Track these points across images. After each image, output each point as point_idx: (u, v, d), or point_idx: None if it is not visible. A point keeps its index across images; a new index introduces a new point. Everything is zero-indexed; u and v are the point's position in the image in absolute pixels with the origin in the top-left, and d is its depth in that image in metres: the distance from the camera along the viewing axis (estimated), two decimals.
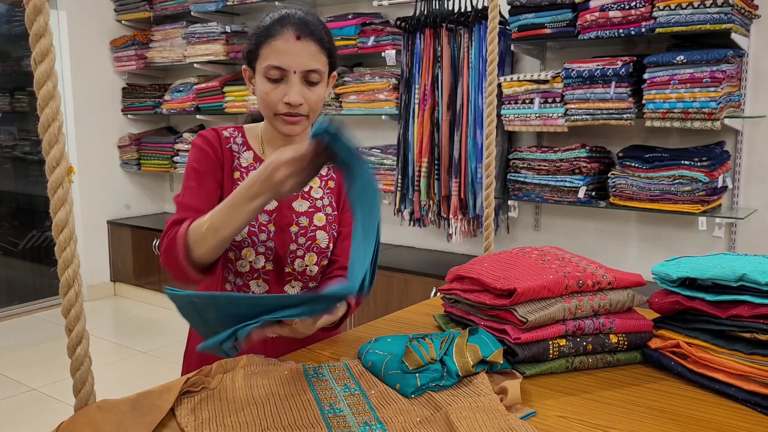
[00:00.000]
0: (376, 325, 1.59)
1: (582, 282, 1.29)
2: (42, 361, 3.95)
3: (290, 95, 1.33)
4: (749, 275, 1.13)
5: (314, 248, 1.46)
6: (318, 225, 1.46)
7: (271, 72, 1.33)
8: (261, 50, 1.35)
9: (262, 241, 1.40)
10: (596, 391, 1.20)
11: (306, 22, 1.35)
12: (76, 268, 0.95)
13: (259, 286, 1.44)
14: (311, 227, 1.45)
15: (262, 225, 1.41)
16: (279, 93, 1.34)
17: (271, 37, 1.33)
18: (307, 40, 1.34)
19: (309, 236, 1.45)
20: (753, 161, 3.01)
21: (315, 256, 1.47)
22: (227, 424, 1.04)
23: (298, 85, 1.34)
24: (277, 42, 1.33)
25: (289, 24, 1.34)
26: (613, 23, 2.93)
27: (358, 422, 1.03)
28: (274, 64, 1.33)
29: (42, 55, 0.94)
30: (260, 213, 1.38)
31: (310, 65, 1.34)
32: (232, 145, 1.45)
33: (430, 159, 3.59)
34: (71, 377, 0.98)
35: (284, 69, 1.33)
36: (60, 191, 0.94)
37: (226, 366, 1.23)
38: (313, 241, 1.45)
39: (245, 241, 1.40)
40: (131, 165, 5.29)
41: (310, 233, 1.45)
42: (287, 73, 1.33)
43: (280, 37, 1.33)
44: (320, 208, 1.48)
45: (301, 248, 1.44)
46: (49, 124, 0.94)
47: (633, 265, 3.25)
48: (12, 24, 5.18)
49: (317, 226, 1.46)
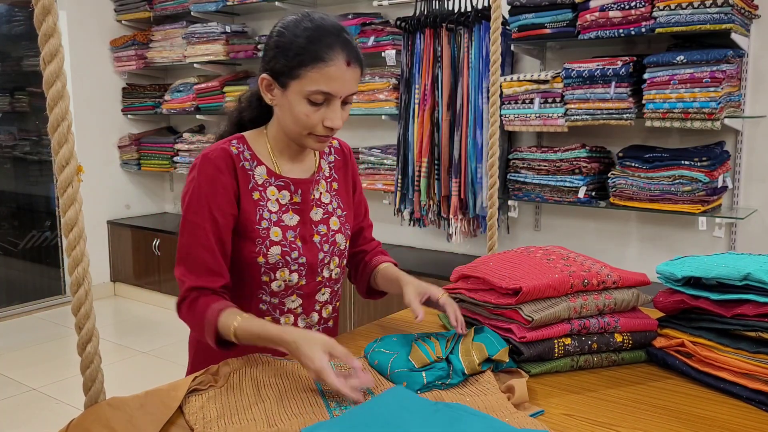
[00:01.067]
0: (380, 325, 1.60)
1: (587, 281, 1.30)
2: (42, 361, 3.94)
3: (334, 120, 1.31)
4: (754, 274, 1.14)
5: (336, 252, 1.47)
6: (335, 229, 1.47)
7: (316, 96, 1.29)
8: (307, 72, 1.27)
9: (294, 258, 1.38)
10: (601, 390, 1.20)
11: (350, 44, 1.31)
12: (86, 266, 0.95)
13: (293, 301, 1.43)
14: (330, 233, 1.46)
15: (292, 242, 1.38)
16: (319, 116, 1.31)
17: (321, 61, 1.27)
18: (354, 66, 1.31)
19: (331, 242, 1.45)
20: (753, 161, 3.02)
21: (337, 258, 1.48)
22: (235, 421, 1.04)
23: (339, 109, 1.32)
24: (330, 69, 1.27)
25: (338, 48, 1.28)
26: (613, 23, 2.94)
27: None
28: (324, 90, 1.28)
29: (51, 55, 0.94)
30: (287, 230, 1.38)
31: (353, 89, 1.32)
32: (243, 163, 1.37)
33: (430, 159, 3.60)
34: (81, 374, 0.98)
35: (332, 95, 1.29)
36: (70, 190, 0.95)
37: (232, 365, 1.24)
38: (334, 245, 1.46)
39: (279, 262, 1.37)
40: (131, 165, 5.29)
41: (330, 239, 1.45)
42: (332, 97, 1.30)
43: (333, 64, 1.27)
44: (332, 212, 1.48)
45: (327, 255, 1.44)
46: (58, 123, 0.95)
47: (633, 266, 3.26)
48: (12, 24, 5.17)
49: (334, 230, 1.46)
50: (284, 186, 1.40)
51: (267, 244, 1.35)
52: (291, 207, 1.40)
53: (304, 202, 1.42)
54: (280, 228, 1.37)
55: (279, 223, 1.38)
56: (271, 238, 1.36)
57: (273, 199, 1.39)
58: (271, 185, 1.39)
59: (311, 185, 1.44)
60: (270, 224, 1.36)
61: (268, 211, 1.37)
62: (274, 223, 1.37)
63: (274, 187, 1.39)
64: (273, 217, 1.37)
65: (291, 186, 1.41)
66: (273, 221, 1.37)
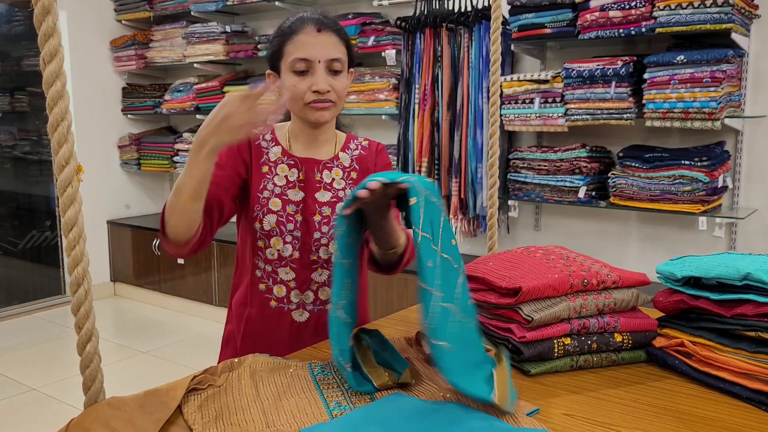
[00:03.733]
0: (379, 325, 1.60)
1: (587, 281, 1.30)
2: (42, 361, 3.95)
3: (318, 83, 1.41)
4: (754, 274, 1.14)
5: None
6: None
7: (297, 65, 1.41)
8: (285, 48, 1.44)
9: (289, 230, 1.48)
10: (601, 390, 1.20)
11: (323, 17, 1.46)
12: (85, 266, 0.95)
13: (287, 273, 1.51)
14: (333, 217, 1.51)
15: (290, 215, 1.49)
16: (306, 83, 1.42)
17: (293, 33, 1.43)
18: (326, 32, 1.44)
19: (332, 225, 1.50)
20: (753, 161, 3.02)
21: None
22: (233, 421, 1.04)
23: (324, 73, 1.43)
24: (300, 36, 1.42)
25: (308, 20, 1.44)
26: (613, 23, 2.94)
27: None
28: (299, 57, 1.41)
29: (51, 55, 0.94)
30: (289, 204, 1.48)
31: (333, 54, 1.43)
32: (261, 142, 1.52)
33: (430, 159, 3.60)
34: (81, 374, 0.98)
35: (309, 60, 1.41)
36: (69, 190, 0.95)
37: (232, 364, 1.24)
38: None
39: (274, 230, 1.47)
40: (131, 165, 5.29)
41: (333, 222, 1.51)
42: (312, 63, 1.42)
43: (302, 32, 1.42)
44: (341, 198, 1.53)
45: (324, 236, 1.50)
46: (58, 123, 0.95)
47: (633, 265, 3.26)
48: (12, 24, 5.17)
49: None
50: (294, 165, 1.52)
51: (264, 212, 1.48)
52: (297, 184, 1.51)
53: (308, 180, 1.51)
54: (281, 200, 1.49)
55: (282, 196, 1.49)
56: (270, 207, 1.48)
57: (282, 175, 1.51)
58: (283, 163, 1.51)
59: (318, 166, 1.53)
60: (271, 195, 1.49)
61: (272, 184, 1.49)
62: (276, 195, 1.49)
63: (285, 165, 1.51)
64: (277, 189, 1.49)
65: (299, 164, 1.52)
66: (276, 193, 1.49)
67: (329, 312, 1.21)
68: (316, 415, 1.06)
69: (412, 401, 1.07)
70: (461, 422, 0.98)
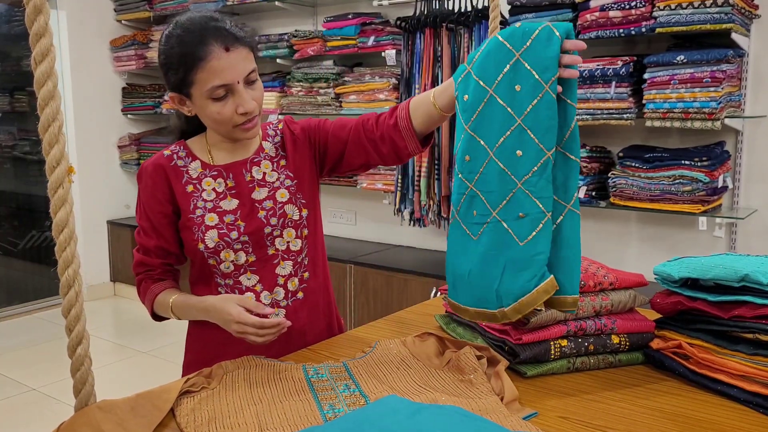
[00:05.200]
0: (376, 326, 1.59)
1: (583, 282, 1.29)
2: (42, 361, 3.94)
3: (244, 105, 1.36)
4: (751, 276, 1.13)
5: (289, 223, 1.47)
6: (283, 201, 1.47)
7: (216, 92, 1.34)
8: (196, 76, 1.33)
9: (234, 239, 1.42)
10: (598, 392, 1.20)
11: (222, 30, 1.34)
12: (76, 268, 0.95)
13: (249, 279, 1.45)
14: (278, 205, 1.46)
15: (230, 225, 1.43)
16: (230, 107, 1.36)
17: (201, 60, 1.32)
18: (235, 48, 1.34)
19: (279, 214, 1.46)
20: (753, 161, 3.01)
21: (292, 230, 1.48)
22: (227, 424, 1.04)
23: (245, 92, 1.36)
24: (211, 63, 1.32)
25: (210, 40, 1.32)
26: (613, 23, 2.93)
27: None
28: (217, 84, 1.33)
29: (42, 54, 0.93)
30: (225, 214, 1.44)
31: (248, 67, 1.36)
32: (176, 162, 1.46)
33: (430, 159, 3.59)
34: (71, 377, 0.97)
35: (228, 84, 1.34)
36: (60, 191, 0.94)
37: (226, 367, 1.23)
38: (285, 216, 1.46)
39: (219, 244, 1.42)
40: (131, 165, 5.28)
41: (279, 211, 1.46)
42: (231, 86, 1.34)
43: (211, 57, 1.32)
44: (278, 186, 1.48)
45: (276, 228, 1.46)
46: (49, 124, 0.94)
47: (633, 265, 3.25)
48: (12, 24, 5.17)
49: (282, 201, 1.47)
50: (218, 174, 1.46)
51: (203, 230, 1.42)
52: (228, 192, 1.45)
53: (239, 184, 1.46)
54: (216, 213, 1.43)
55: (215, 210, 1.44)
56: (206, 223, 1.42)
57: (209, 189, 1.45)
58: (207, 176, 1.46)
59: (244, 167, 1.47)
60: (205, 211, 1.43)
61: (202, 200, 1.44)
62: (210, 210, 1.43)
63: (209, 178, 1.46)
64: (208, 204, 1.44)
65: (224, 173, 1.46)
66: (208, 208, 1.44)
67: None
68: (309, 418, 1.06)
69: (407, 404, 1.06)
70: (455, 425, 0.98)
